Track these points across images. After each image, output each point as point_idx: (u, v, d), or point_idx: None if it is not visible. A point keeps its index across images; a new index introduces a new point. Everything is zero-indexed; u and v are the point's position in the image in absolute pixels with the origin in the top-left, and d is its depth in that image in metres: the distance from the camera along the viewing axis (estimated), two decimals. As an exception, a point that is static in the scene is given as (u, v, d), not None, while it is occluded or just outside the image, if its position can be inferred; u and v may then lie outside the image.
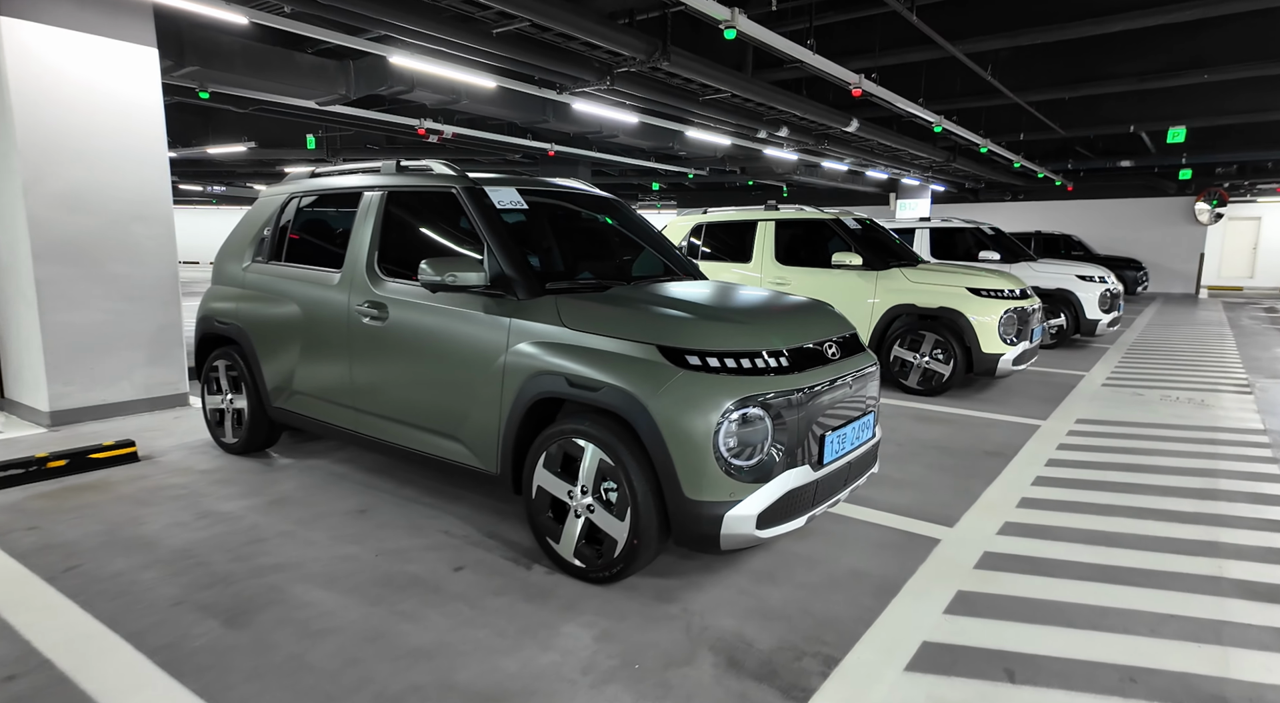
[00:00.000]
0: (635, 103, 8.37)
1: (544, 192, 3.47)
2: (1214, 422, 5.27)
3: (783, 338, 2.64)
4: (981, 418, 5.37)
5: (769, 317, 2.77)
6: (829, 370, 2.70)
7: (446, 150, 13.33)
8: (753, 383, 2.44)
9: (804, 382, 2.55)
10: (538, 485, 2.73)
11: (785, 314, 2.86)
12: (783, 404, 2.46)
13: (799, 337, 2.71)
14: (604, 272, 3.45)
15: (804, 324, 2.82)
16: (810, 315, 2.95)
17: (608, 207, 3.85)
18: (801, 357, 2.65)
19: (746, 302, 2.96)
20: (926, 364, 6.04)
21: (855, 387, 2.85)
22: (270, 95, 7.24)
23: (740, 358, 2.49)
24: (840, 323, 3.06)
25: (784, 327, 2.72)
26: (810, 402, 2.56)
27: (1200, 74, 8.60)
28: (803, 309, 2.99)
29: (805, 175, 16.81)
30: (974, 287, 5.90)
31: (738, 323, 2.61)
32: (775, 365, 2.53)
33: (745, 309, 2.81)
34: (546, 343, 2.69)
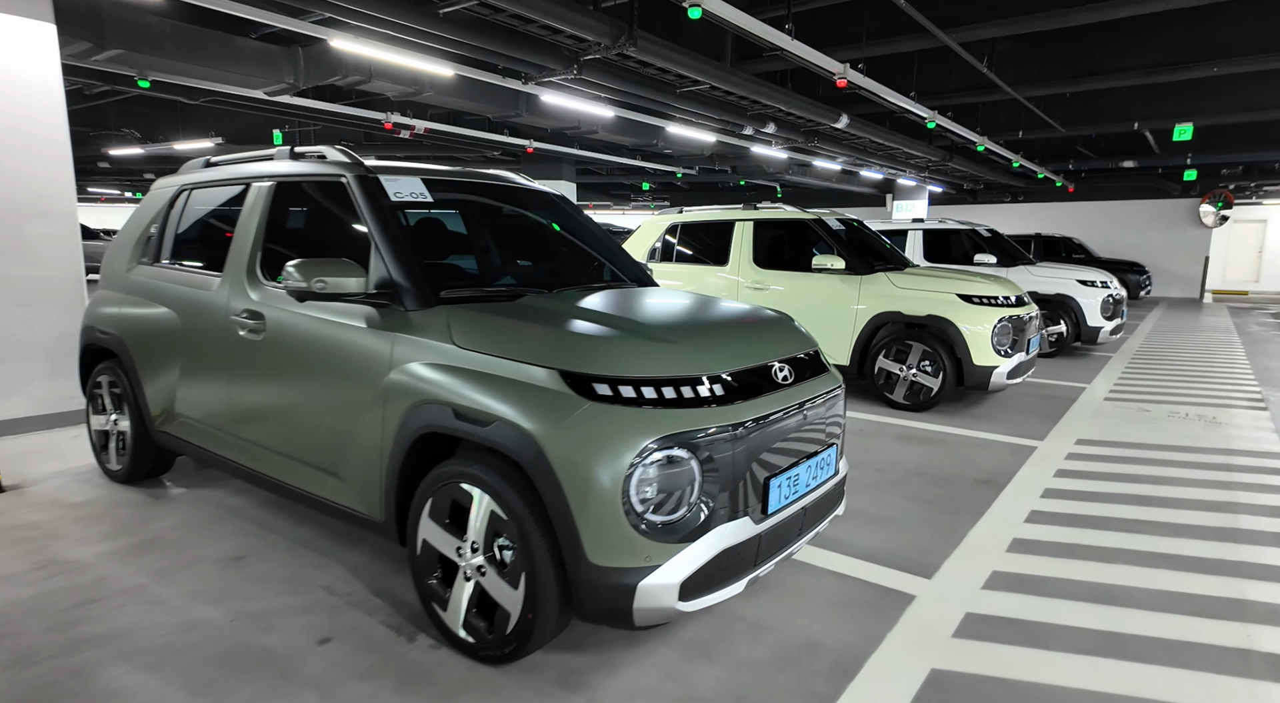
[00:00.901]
0: (609, 95, 7.90)
1: (463, 185, 2.99)
2: (1228, 443, 4.79)
3: (722, 359, 2.16)
4: (972, 438, 4.89)
5: (707, 333, 2.29)
6: (779, 398, 2.22)
7: (423, 147, 12.87)
8: (678, 417, 1.96)
9: (745, 414, 2.08)
10: (423, 539, 2.25)
11: (729, 329, 2.38)
12: (716, 443, 1.99)
13: (743, 357, 2.23)
14: (530, 277, 2.98)
15: (751, 341, 2.35)
16: (761, 330, 2.47)
17: (544, 203, 3.37)
18: (744, 382, 2.17)
19: (684, 314, 2.49)
20: (913, 377, 5.56)
21: (813, 416, 2.38)
22: (212, 84, 6.77)
23: (664, 385, 2.01)
24: (798, 339, 2.58)
25: (725, 345, 2.24)
26: (753, 438, 2.08)
27: (1210, 67, 8.13)
28: (752, 323, 2.52)
29: (798, 175, 16.35)
30: (965, 293, 5.41)
31: (666, 341, 2.13)
32: (709, 394, 2.06)
33: (679, 324, 2.33)
34: (434, 364, 2.21)
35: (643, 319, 2.31)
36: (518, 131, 11.75)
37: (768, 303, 6.16)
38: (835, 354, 5.88)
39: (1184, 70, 8.30)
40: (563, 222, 3.43)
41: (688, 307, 2.63)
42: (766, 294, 6.19)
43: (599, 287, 2.91)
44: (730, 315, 2.56)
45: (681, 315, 2.47)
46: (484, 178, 3.12)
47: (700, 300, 2.78)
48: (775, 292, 6.15)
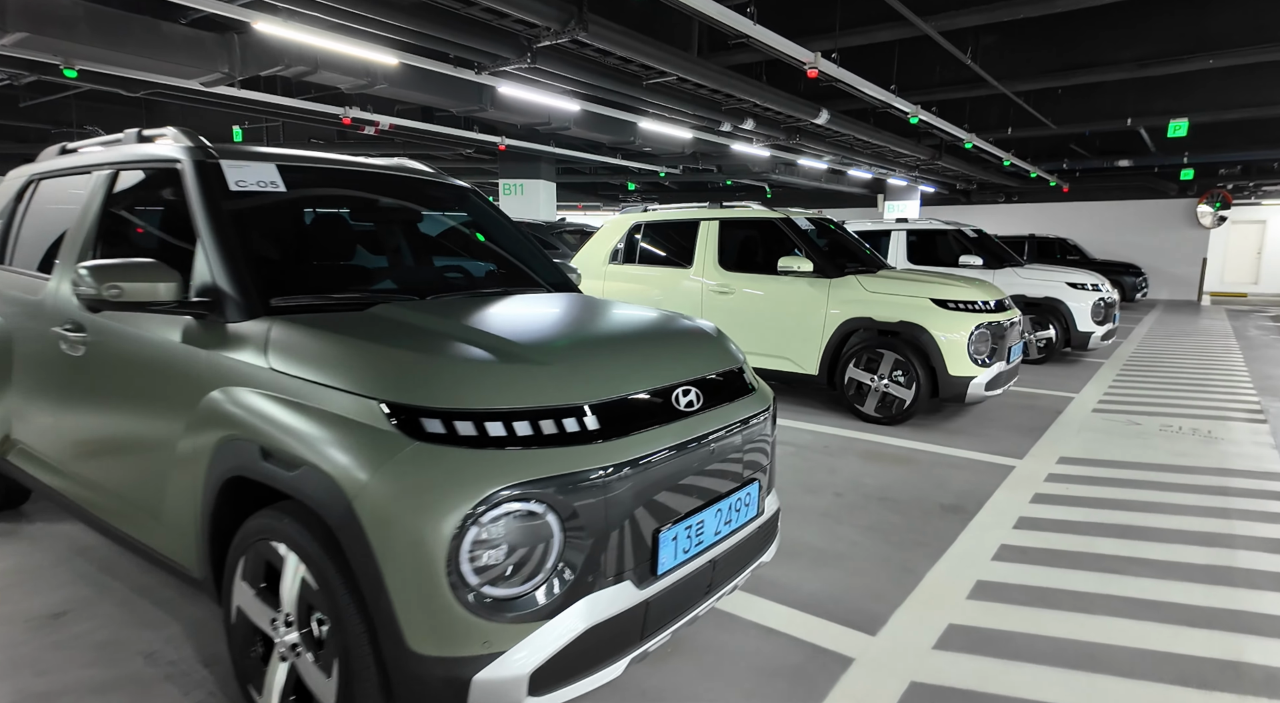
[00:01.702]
0: (571, 87, 7.50)
1: (343, 174, 2.58)
2: (1225, 461, 4.38)
3: (603, 383, 1.75)
4: (945, 456, 4.48)
5: (592, 350, 1.88)
6: (677, 430, 1.82)
7: (395, 145, 12.46)
8: (535, 460, 1.55)
9: (627, 452, 1.67)
10: (237, 605, 1.84)
11: (622, 345, 1.97)
12: (585, 490, 1.58)
13: (633, 380, 1.82)
14: (410, 281, 2.57)
15: (648, 360, 1.93)
16: (665, 346, 2.06)
17: (447, 197, 2.96)
18: (631, 412, 1.76)
19: (571, 327, 2.08)
20: (885, 388, 5.15)
21: (726, 448, 1.97)
22: (146, 73, 6.36)
23: (518, 419, 1.60)
24: (713, 355, 2.17)
25: (611, 365, 1.83)
26: (638, 481, 1.68)
27: (1205, 58, 7.73)
28: (656, 337, 2.11)
29: (785, 175, 15.96)
30: (939, 297, 5.01)
31: (532, 363, 1.72)
32: (579, 429, 1.65)
33: (560, 339, 1.92)
34: (247, 390, 1.81)
35: (514, 334, 1.89)
36: (489, 127, 11.34)
37: (734, 308, 5.76)
38: (803, 362, 5.47)
39: (1178, 62, 7.91)
40: (471, 218, 3.03)
41: (581, 317, 2.22)
42: (732, 298, 5.79)
43: (491, 293, 2.50)
44: (631, 328, 2.15)
45: (567, 328, 2.06)
46: (371, 167, 2.72)
47: (601, 309, 2.37)
48: (741, 296, 5.75)
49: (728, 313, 5.79)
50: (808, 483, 3.90)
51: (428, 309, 2.07)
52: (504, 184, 13.40)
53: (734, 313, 5.76)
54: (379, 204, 2.74)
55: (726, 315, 5.80)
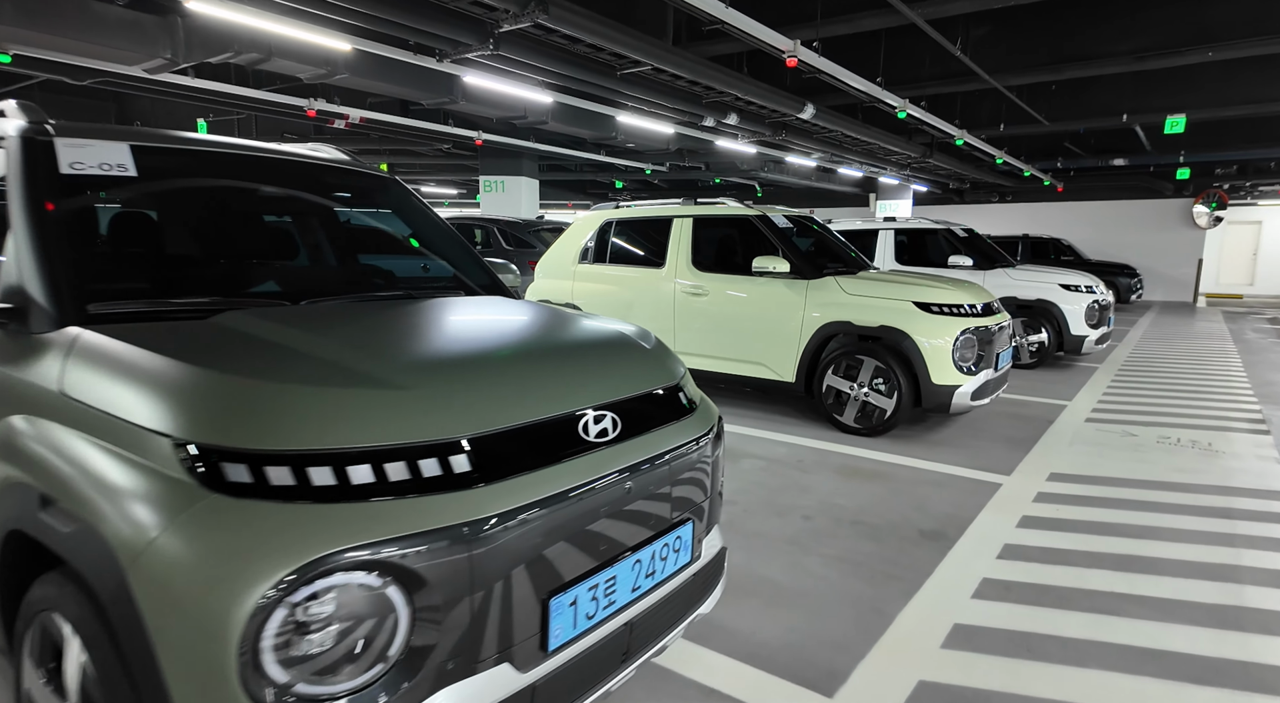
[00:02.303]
0: (541, 77, 7.15)
1: (220, 159, 2.23)
2: (1227, 478, 4.06)
3: (479, 411, 1.41)
4: (927, 472, 4.15)
5: (474, 368, 1.53)
6: (579, 467, 1.48)
7: (370, 140, 12.10)
8: (371, 516, 1.20)
9: (504, 500, 1.32)
10: (27, 688, 1.50)
11: (517, 362, 1.62)
12: (440, 553, 1.24)
13: (521, 405, 1.48)
14: (294, 283, 2.22)
15: (548, 379, 1.59)
16: (576, 361, 1.73)
17: (363, 188, 2.62)
18: (514, 447, 1.42)
19: (458, 337, 1.75)
20: (865, 397, 4.82)
21: (650, 485, 1.64)
22: (83, 59, 6.00)
23: (356, 462, 1.25)
24: (640, 369, 1.84)
25: (495, 387, 1.48)
26: (521, 536, 1.34)
27: (1204, 51, 7.43)
28: (566, 350, 1.77)
29: (775, 173, 15.65)
30: (922, 301, 4.68)
31: (385, 386, 1.37)
32: (440, 473, 1.30)
33: (434, 355, 1.58)
34: (39, 418, 1.46)
35: (381, 349, 1.55)
36: (469, 123, 10.98)
37: (708, 311, 5.42)
38: (780, 369, 5.14)
39: (1176, 55, 7.60)
40: (389, 212, 2.68)
41: (483, 327, 1.88)
42: (706, 300, 5.45)
43: (388, 297, 2.16)
44: (540, 339, 1.82)
45: (457, 341, 1.72)
46: (261, 152, 2.37)
47: (515, 317, 2.04)
48: (715, 298, 5.41)
49: (701, 316, 5.46)
50: (776, 504, 3.57)
51: (287, 318, 1.72)
52: (484, 181, 13.05)
53: (708, 316, 5.43)
54: (267, 194, 2.39)
55: (700, 319, 5.47)
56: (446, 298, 2.23)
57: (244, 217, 2.34)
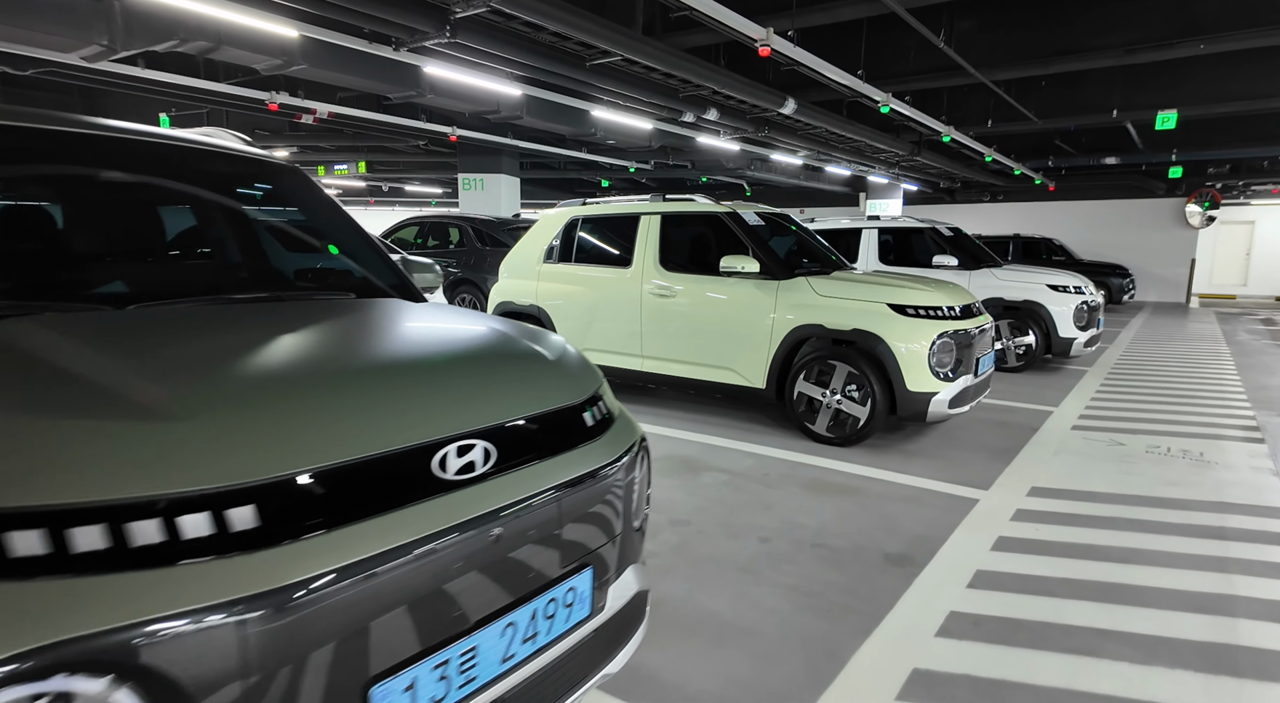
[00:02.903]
0: (507, 68, 6.86)
1: (73, 138, 1.93)
2: (1219, 492, 3.80)
3: (286, 448, 1.12)
4: (900, 486, 3.88)
5: (292, 390, 1.24)
6: (425, 516, 1.19)
7: (344, 136, 11.79)
8: (93, 596, 0.91)
9: (304, 565, 1.04)
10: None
11: (362, 380, 1.33)
12: (196, 643, 0.95)
13: (351, 438, 1.19)
14: (146, 284, 1.92)
15: (398, 401, 1.31)
16: (444, 377, 1.45)
17: (253, 176, 2.34)
18: (334, 494, 1.13)
19: (295, 350, 1.46)
20: (838, 404, 4.55)
21: (533, 529, 1.37)
22: (6, 44, 5.69)
23: (78, 522, 0.95)
24: (532, 386, 1.57)
25: (313, 414, 1.19)
26: (330, 610, 1.06)
27: (1196, 44, 7.18)
28: (433, 363, 1.50)
29: (762, 171, 15.39)
30: (897, 303, 4.41)
31: (151, 420, 1.07)
32: (210, 534, 1.01)
33: (252, 372, 1.30)
34: None
35: (183, 367, 1.26)
36: (438, 117, 10.66)
37: (675, 313, 5.14)
38: (750, 375, 4.86)
39: (1167, 48, 7.35)
40: (283, 205, 2.40)
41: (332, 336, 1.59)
42: (673, 302, 5.17)
43: (244, 300, 1.86)
44: (401, 351, 1.54)
45: (291, 354, 1.44)
46: (120, 133, 2.07)
47: (391, 324, 1.75)
48: (683, 299, 5.13)
49: (669, 319, 5.18)
50: (733, 524, 3.29)
51: (89, 327, 1.43)
52: (463, 178, 12.74)
53: (676, 319, 5.15)
54: (127, 182, 2.09)
55: (667, 322, 5.19)
56: (323, 301, 1.94)
57: (97, 207, 2.05)
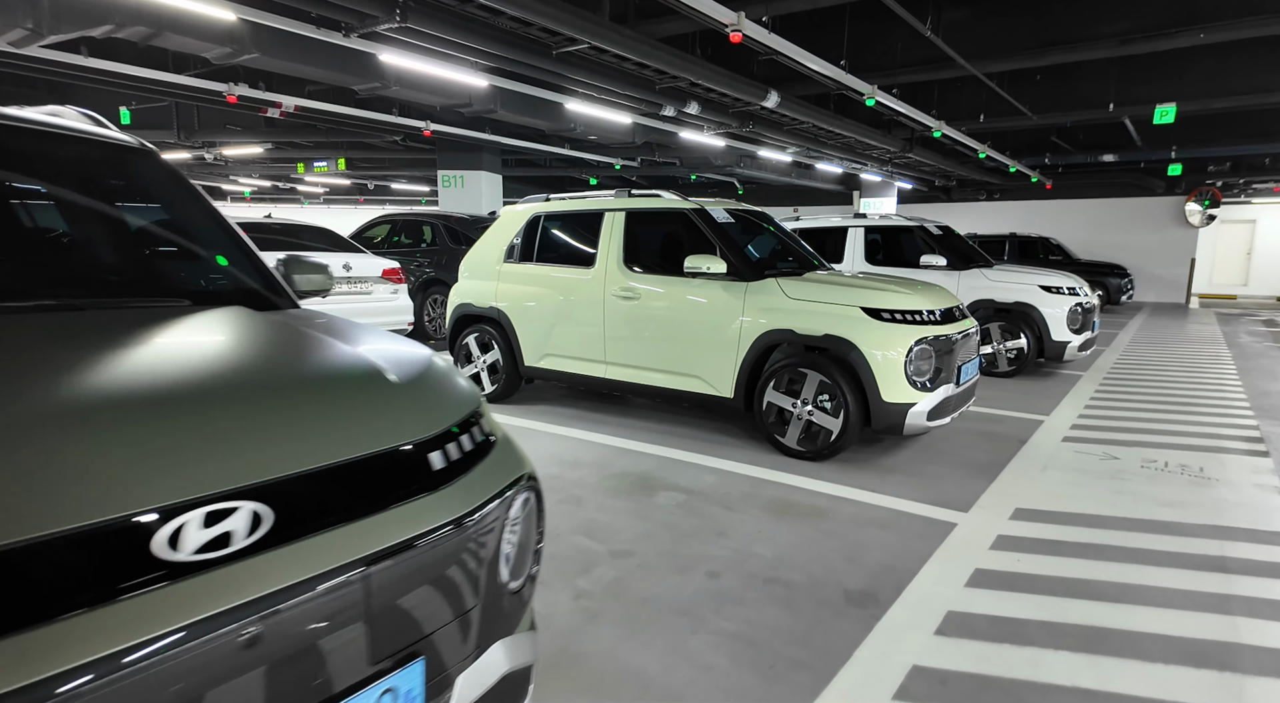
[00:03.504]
0: (468, 56, 6.52)
1: None
2: (1221, 515, 3.47)
3: None
4: (871, 507, 3.54)
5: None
6: (132, 616, 0.86)
7: (318, 130, 11.44)
8: None
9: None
10: None
11: (58, 431, 0.99)
12: None
13: (18, 514, 0.86)
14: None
15: (118, 451, 0.97)
16: (210, 415, 1.11)
17: (99, 162, 2.00)
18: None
19: (20, 384, 1.12)
20: (809, 415, 4.21)
21: (333, 615, 1.04)
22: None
23: None
24: (354, 421, 1.24)
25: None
26: None
27: (1196, 33, 6.85)
28: (209, 395, 1.16)
29: (751, 168, 15.07)
30: (871, 306, 4.07)
31: None
32: None
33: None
34: None
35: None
36: (424, 114, 10.34)
37: (639, 317, 4.80)
38: (717, 383, 4.53)
39: (1165, 38, 7.03)
40: (134, 196, 2.06)
41: (83, 361, 1.25)
42: (637, 305, 4.83)
43: (25, 308, 1.52)
44: (172, 379, 1.19)
45: (9, 387, 1.10)
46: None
47: (180, 338, 1.42)
48: (647, 302, 4.79)
49: (632, 322, 4.85)
50: (681, 555, 2.96)
51: None
52: (442, 175, 12.41)
53: (639, 322, 4.82)
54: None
55: (631, 325, 4.86)
56: (128, 310, 1.60)
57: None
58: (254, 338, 1.48)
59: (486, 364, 5.64)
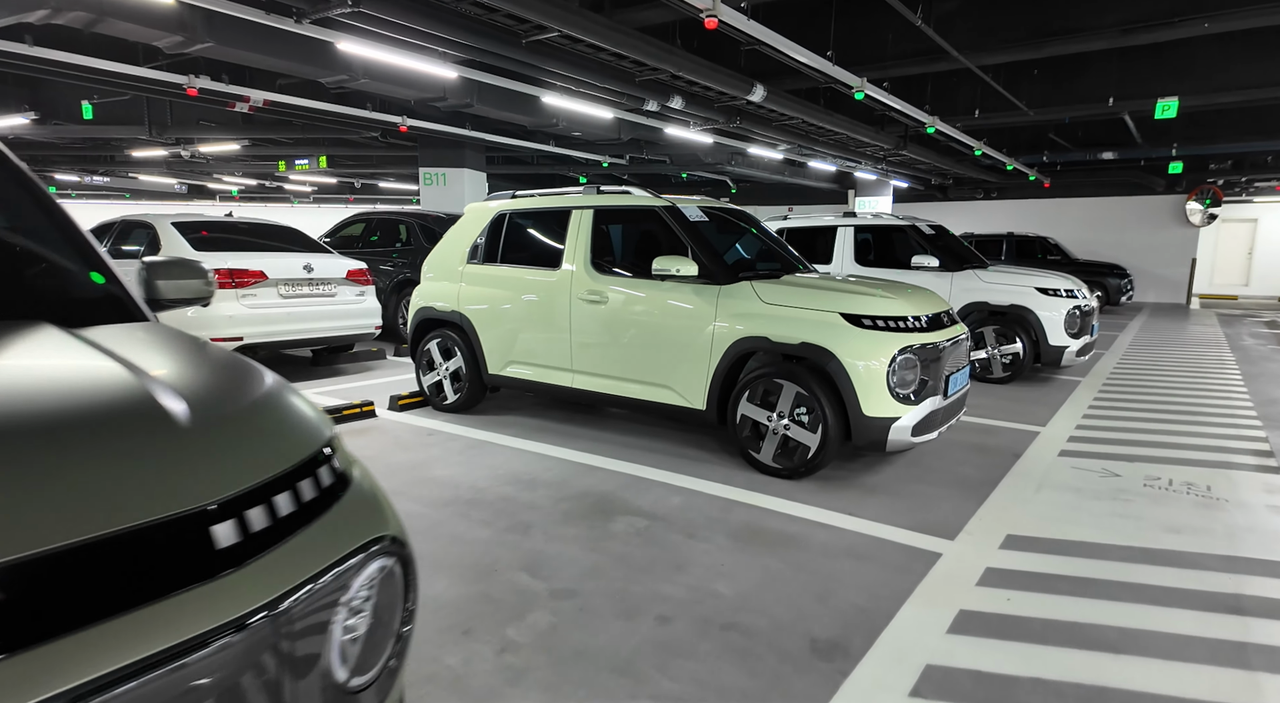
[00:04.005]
0: (430, 44, 6.19)
1: None
2: (1234, 543, 3.15)
3: None
4: (850, 533, 3.22)
5: None
6: None
7: (293, 126, 11.10)
8: None
9: None
10: None
11: None
12: None
13: None
14: None
15: None
16: None
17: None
18: None
19: None
20: (786, 430, 3.89)
21: None
22: None
23: None
24: (75, 488, 0.91)
25: None
26: None
27: (1200, 23, 6.53)
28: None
29: (743, 166, 14.75)
30: (852, 312, 3.75)
31: None
32: None
33: None
34: None
35: None
36: (406, 110, 10.00)
37: (607, 322, 4.48)
38: (688, 394, 4.21)
39: (1167, 28, 6.71)
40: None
41: None
42: (604, 309, 4.51)
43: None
44: None
45: None
46: None
47: None
48: (615, 306, 4.47)
49: (600, 328, 4.53)
50: (630, 595, 2.63)
51: None
52: (424, 173, 12.07)
53: (607, 328, 4.50)
54: None
55: (598, 331, 4.54)
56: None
57: None
58: (15, 367, 1.15)
59: (449, 372, 5.32)
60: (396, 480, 3.79)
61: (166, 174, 17.93)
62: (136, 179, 19.31)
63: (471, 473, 3.95)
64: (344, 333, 6.59)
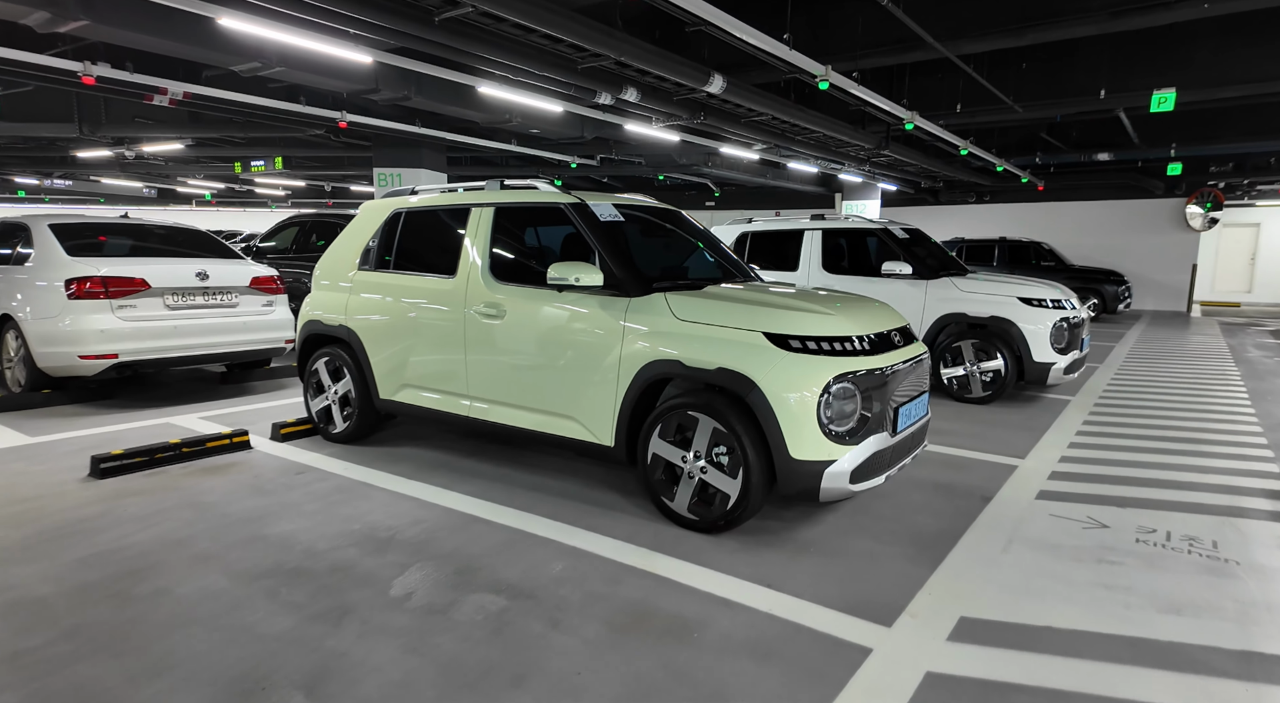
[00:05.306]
0: (339, 24, 5.52)
1: None
2: (1249, 633, 2.46)
3: None
4: (763, 615, 2.53)
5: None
6: None
7: (234, 124, 10.44)
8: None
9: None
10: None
11: None
12: None
13: None
14: None
15: None
16: None
17: None
18: None
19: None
20: (704, 474, 3.20)
21: None
22: None
23: None
24: None
25: None
26: None
27: (1199, 4, 5.86)
28: None
29: (722, 168, 14.09)
30: (777, 331, 3.06)
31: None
32: None
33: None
34: None
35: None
36: (361, 108, 9.34)
37: (504, 342, 3.80)
38: (594, 426, 3.52)
39: (1163, 10, 6.05)
40: None
41: None
42: (501, 326, 3.82)
43: None
44: None
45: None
46: None
47: None
48: (514, 322, 3.78)
49: (497, 347, 3.84)
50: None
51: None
52: (378, 173, 11.42)
53: (504, 347, 3.81)
54: None
55: (495, 350, 3.85)
56: None
57: None
58: None
59: (338, 396, 4.63)
60: (218, 541, 3.09)
61: (122, 176, 17.25)
62: (99, 182, 18.63)
63: (319, 528, 3.25)
64: (247, 348, 5.90)
